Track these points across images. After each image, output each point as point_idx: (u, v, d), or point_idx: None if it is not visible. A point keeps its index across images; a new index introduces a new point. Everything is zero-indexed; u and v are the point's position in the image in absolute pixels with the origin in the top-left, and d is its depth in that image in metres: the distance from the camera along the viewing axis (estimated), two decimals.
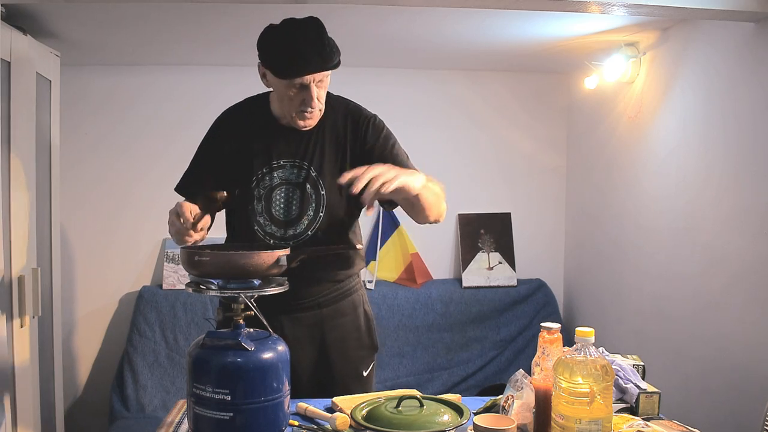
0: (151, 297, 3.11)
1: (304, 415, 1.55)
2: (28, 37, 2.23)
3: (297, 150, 1.73)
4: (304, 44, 1.58)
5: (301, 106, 1.65)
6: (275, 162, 1.73)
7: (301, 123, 1.69)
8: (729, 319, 2.18)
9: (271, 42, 1.63)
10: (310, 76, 1.60)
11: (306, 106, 1.65)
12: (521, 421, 1.36)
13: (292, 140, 1.73)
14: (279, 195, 1.72)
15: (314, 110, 1.67)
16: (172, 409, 1.60)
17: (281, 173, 1.73)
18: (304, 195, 1.71)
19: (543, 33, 2.56)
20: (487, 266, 3.43)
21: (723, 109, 2.22)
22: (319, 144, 1.74)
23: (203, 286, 1.34)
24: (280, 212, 1.72)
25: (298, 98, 1.64)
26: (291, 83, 1.61)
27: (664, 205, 2.57)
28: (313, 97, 1.64)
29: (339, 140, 1.75)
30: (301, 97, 1.64)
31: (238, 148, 1.74)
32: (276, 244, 1.70)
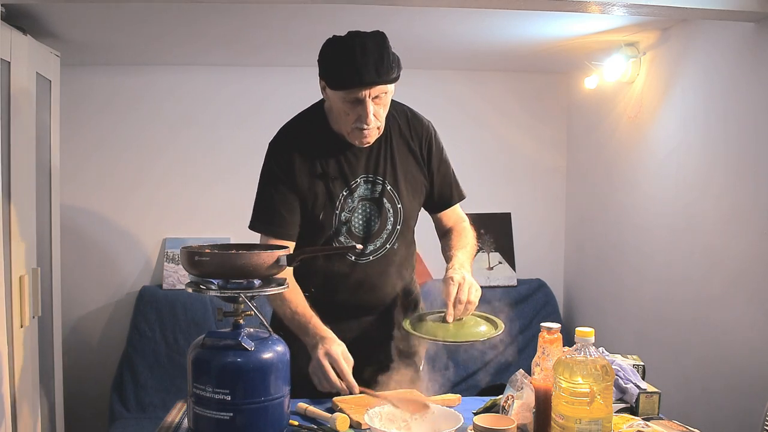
0: (151, 297, 3.11)
1: (304, 415, 1.55)
2: (28, 37, 2.23)
3: (368, 165, 1.72)
4: (360, 55, 1.52)
5: (356, 122, 1.59)
6: (353, 181, 1.71)
7: (357, 141, 1.64)
8: (729, 320, 2.17)
9: (330, 52, 1.58)
10: (366, 91, 1.54)
11: (361, 123, 1.59)
12: (521, 421, 1.36)
13: (362, 156, 1.71)
14: (358, 212, 1.72)
15: (370, 128, 1.61)
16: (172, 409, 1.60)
17: (360, 192, 1.72)
18: (382, 210, 1.73)
19: (543, 33, 2.56)
20: (487, 266, 3.43)
21: (723, 109, 2.22)
22: (390, 156, 1.73)
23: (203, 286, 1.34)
24: (360, 229, 1.73)
25: (353, 114, 1.58)
26: (346, 97, 1.56)
27: (664, 205, 2.57)
28: (369, 114, 1.57)
29: (410, 150, 1.75)
30: (356, 113, 1.58)
31: (313, 173, 1.68)
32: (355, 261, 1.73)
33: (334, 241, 1.71)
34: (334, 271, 1.72)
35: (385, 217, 1.74)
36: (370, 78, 1.52)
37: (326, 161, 1.69)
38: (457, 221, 1.90)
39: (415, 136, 1.77)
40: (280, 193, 1.68)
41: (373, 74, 1.52)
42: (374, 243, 1.75)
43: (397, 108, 1.78)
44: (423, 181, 1.79)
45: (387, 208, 1.74)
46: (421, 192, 1.80)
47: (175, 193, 3.27)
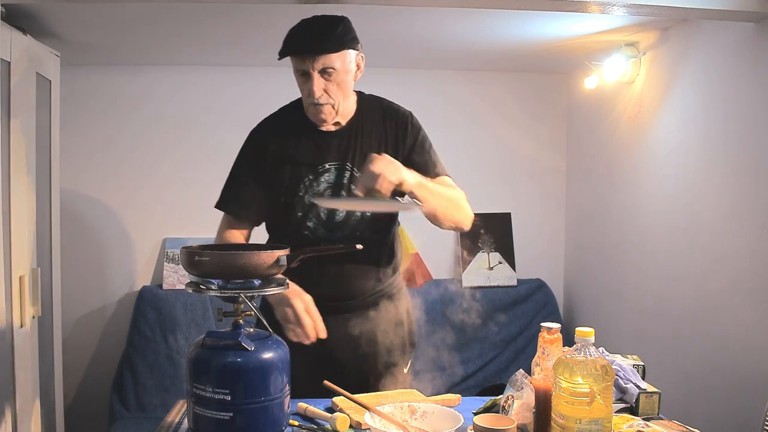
0: (151, 297, 3.11)
1: (304, 415, 1.55)
2: (28, 37, 2.23)
3: (338, 152, 1.74)
4: (308, 27, 1.61)
5: (307, 97, 1.66)
6: (320, 166, 1.73)
7: (315, 120, 1.70)
8: (729, 319, 2.18)
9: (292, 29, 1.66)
10: (310, 63, 1.61)
11: (311, 98, 1.64)
12: (521, 421, 1.36)
13: (334, 143, 1.74)
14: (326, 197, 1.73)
15: (321, 103, 1.65)
16: (172, 409, 1.60)
17: (327, 177, 1.73)
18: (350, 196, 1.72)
19: (543, 33, 2.56)
20: (487, 266, 3.43)
21: (723, 109, 2.22)
22: (360, 143, 1.75)
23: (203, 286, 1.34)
24: (328, 215, 1.73)
25: (305, 89, 1.65)
26: (296, 69, 1.64)
27: (664, 205, 2.57)
28: (313, 86, 1.62)
29: (380, 138, 1.76)
30: (306, 88, 1.65)
31: (281, 158, 1.73)
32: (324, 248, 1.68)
33: (302, 227, 1.72)
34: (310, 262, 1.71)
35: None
36: (312, 47, 1.60)
37: (295, 147, 1.73)
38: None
39: (389, 124, 1.78)
40: (245, 177, 1.75)
41: (314, 44, 1.60)
42: (343, 230, 1.73)
43: (372, 99, 1.83)
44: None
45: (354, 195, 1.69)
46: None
47: (175, 193, 3.27)
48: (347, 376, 1.71)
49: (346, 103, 1.73)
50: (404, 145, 1.77)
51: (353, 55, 1.69)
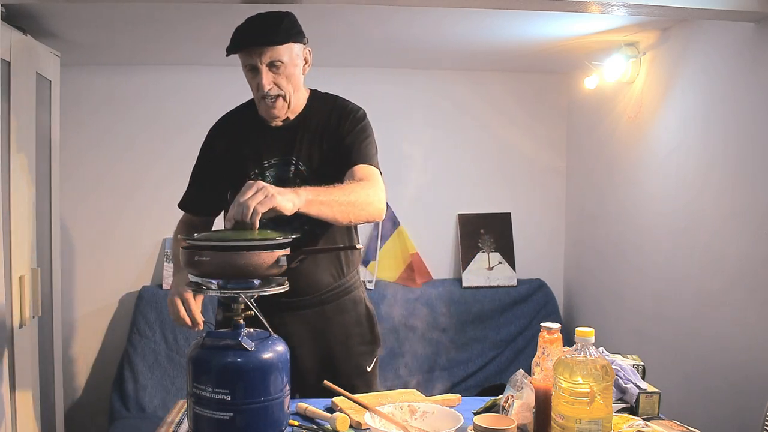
0: (151, 297, 3.11)
1: (304, 415, 1.55)
2: (28, 37, 2.23)
3: (284, 147, 1.74)
4: (254, 21, 1.64)
5: (258, 92, 1.67)
6: (266, 161, 1.74)
7: (267, 115, 1.72)
8: (729, 319, 2.18)
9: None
10: (257, 57, 1.62)
11: (260, 92, 1.66)
12: (521, 421, 1.36)
13: (280, 138, 1.75)
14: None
15: (271, 96, 1.66)
16: (172, 409, 1.60)
17: (272, 171, 1.74)
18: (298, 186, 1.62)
19: (543, 33, 2.56)
20: (487, 266, 3.43)
21: (723, 109, 2.22)
22: (306, 138, 1.74)
23: (203, 286, 1.34)
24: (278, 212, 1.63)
25: (254, 83, 1.67)
26: (244, 64, 1.66)
27: (664, 205, 2.57)
28: (262, 80, 1.63)
29: (323, 131, 1.74)
30: (254, 81, 1.67)
31: (229, 153, 1.77)
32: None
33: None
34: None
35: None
36: (257, 40, 1.61)
37: (243, 143, 1.76)
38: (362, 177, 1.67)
39: (334, 117, 1.75)
40: (198, 177, 1.83)
41: (259, 37, 1.61)
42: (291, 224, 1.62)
43: (324, 96, 1.84)
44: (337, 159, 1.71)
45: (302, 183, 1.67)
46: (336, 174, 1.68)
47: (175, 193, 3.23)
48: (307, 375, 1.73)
49: (297, 96, 1.73)
50: (338, 132, 1.73)
51: (299, 48, 1.70)
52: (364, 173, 1.66)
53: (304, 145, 1.73)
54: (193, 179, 1.86)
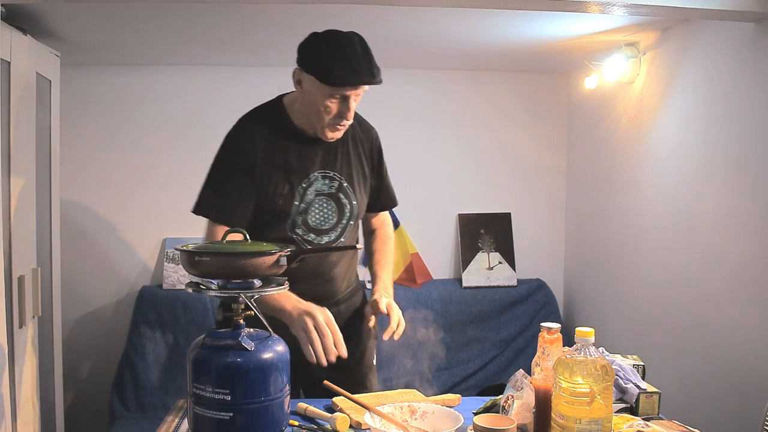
0: (151, 297, 3.11)
1: (304, 415, 1.55)
2: (28, 37, 2.22)
3: (327, 161, 1.78)
4: (354, 55, 1.60)
5: (336, 117, 1.66)
6: (312, 174, 1.76)
7: (330, 135, 1.71)
8: (729, 319, 2.18)
9: (322, 49, 1.62)
10: (354, 90, 1.63)
11: (341, 119, 1.67)
12: (521, 421, 1.36)
13: (322, 151, 1.77)
14: (315, 206, 1.77)
15: (347, 123, 1.70)
16: (172, 409, 1.61)
17: (317, 185, 1.77)
18: (340, 205, 1.80)
19: (543, 33, 2.56)
20: (487, 266, 3.43)
21: (723, 109, 2.22)
22: (346, 154, 1.82)
23: (203, 286, 1.34)
24: (317, 222, 1.77)
25: (334, 109, 1.65)
26: (332, 93, 1.62)
27: (664, 204, 2.57)
28: (351, 110, 1.66)
29: (361, 152, 1.85)
30: (338, 108, 1.65)
31: (271, 164, 1.73)
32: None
33: (291, 233, 1.75)
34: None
35: (342, 213, 1.80)
36: (366, 78, 1.61)
37: (287, 153, 1.74)
38: (382, 223, 2.02)
39: (365, 139, 1.87)
40: (236, 182, 1.72)
41: (369, 75, 1.61)
42: (329, 235, 1.79)
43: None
44: (370, 182, 1.89)
45: (344, 203, 1.80)
46: (368, 192, 1.89)
47: (176, 193, 3.26)
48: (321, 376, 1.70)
49: None
50: (375, 167, 1.89)
51: None
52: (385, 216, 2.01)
53: (344, 161, 1.81)
54: (219, 186, 1.75)
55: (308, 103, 1.68)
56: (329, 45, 1.61)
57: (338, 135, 1.72)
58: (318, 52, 1.62)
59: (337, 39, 1.62)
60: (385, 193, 1.95)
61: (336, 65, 1.58)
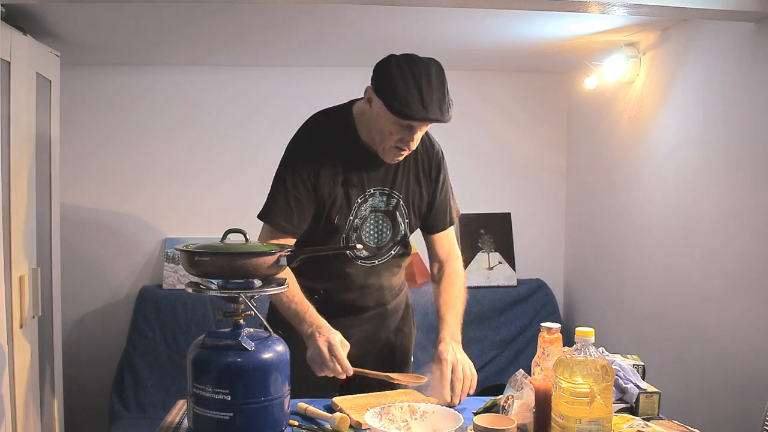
0: (151, 297, 3.11)
1: (304, 415, 1.55)
2: (28, 37, 2.22)
3: (386, 178, 1.78)
4: (428, 90, 1.58)
5: (398, 143, 1.65)
6: (369, 190, 1.76)
7: (390, 158, 1.71)
8: (729, 319, 2.18)
9: (396, 76, 1.60)
10: (421, 124, 1.62)
11: (403, 145, 1.65)
12: (521, 421, 1.36)
13: (382, 168, 1.77)
14: (369, 222, 1.78)
15: (409, 151, 1.69)
16: (172, 409, 1.60)
17: (372, 201, 1.77)
18: (395, 223, 1.81)
19: (543, 33, 2.56)
20: (487, 266, 3.43)
21: (723, 109, 2.22)
22: (407, 173, 1.80)
23: (203, 286, 1.34)
24: (371, 239, 1.79)
25: (398, 135, 1.63)
26: (400, 122, 1.60)
27: (664, 204, 2.57)
28: (414, 140, 1.64)
29: (421, 170, 1.83)
30: (401, 135, 1.63)
31: (334, 178, 1.72)
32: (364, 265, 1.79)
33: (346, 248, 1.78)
34: (346, 272, 1.79)
35: (397, 230, 1.82)
36: (435, 116, 1.59)
37: (349, 168, 1.73)
38: (449, 255, 1.95)
39: (426, 158, 1.85)
40: (299, 192, 1.70)
41: (438, 113, 1.59)
42: (381, 251, 1.82)
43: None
44: (427, 200, 1.87)
45: (399, 221, 1.81)
46: (423, 210, 1.88)
47: (176, 193, 3.27)
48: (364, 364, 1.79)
49: None
50: (435, 186, 1.86)
51: None
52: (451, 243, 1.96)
53: (404, 180, 1.80)
54: (287, 196, 1.71)
55: (374, 123, 1.66)
56: (404, 73, 1.60)
57: (398, 159, 1.71)
58: (391, 79, 1.60)
59: (414, 67, 1.61)
60: (442, 212, 1.91)
61: (406, 97, 1.56)
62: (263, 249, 1.35)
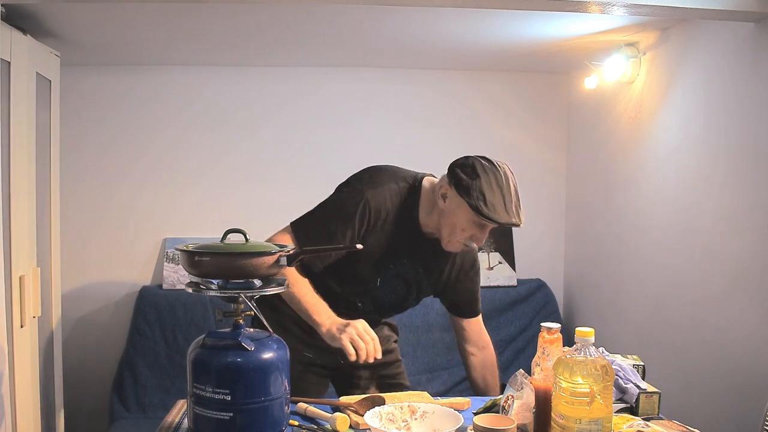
0: (151, 297, 3.11)
1: (304, 415, 1.55)
2: (28, 37, 2.22)
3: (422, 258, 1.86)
4: (509, 194, 1.68)
5: (467, 240, 1.73)
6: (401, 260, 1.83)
7: (452, 249, 1.78)
8: (729, 319, 2.18)
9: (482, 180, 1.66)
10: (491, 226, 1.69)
11: (473, 243, 1.74)
12: (521, 421, 1.36)
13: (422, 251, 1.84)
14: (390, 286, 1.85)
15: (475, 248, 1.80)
16: (172, 409, 1.61)
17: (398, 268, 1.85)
18: (410, 290, 1.90)
19: (543, 33, 2.56)
20: (487, 266, 3.43)
21: (723, 109, 2.22)
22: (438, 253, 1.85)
23: (203, 286, 1.34)
24: (386, 299, 1.87)
25: (469, 231, 1.72)
26: (476, 221, 1.68)
27: (665, 204, 2.57)
28: (484, 239, 1.74)
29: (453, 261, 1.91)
30: (473, 233, 1.71)
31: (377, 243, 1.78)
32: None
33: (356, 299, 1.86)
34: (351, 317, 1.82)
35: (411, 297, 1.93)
36: (515, 220, 1.69)
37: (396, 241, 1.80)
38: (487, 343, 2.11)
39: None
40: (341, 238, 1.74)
41: (517, 217, 1.69)
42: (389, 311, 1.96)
43: None
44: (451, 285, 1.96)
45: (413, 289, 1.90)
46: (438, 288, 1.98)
47: (176, 192, 3.27)
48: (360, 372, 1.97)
49: None
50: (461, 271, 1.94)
51: None
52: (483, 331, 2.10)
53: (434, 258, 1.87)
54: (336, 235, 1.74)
55: (447, 216, 1.73)
56: (489, 178, 1.67)
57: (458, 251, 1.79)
58: (478, 183, 1.66)
59: (497, 173, 1.68)
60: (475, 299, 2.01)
61: (492, 201, 1.65)
62: (263, 249, 1.35)
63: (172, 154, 3.25)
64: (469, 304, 2.00)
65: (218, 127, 3.28)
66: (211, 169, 3.29)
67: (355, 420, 1.48)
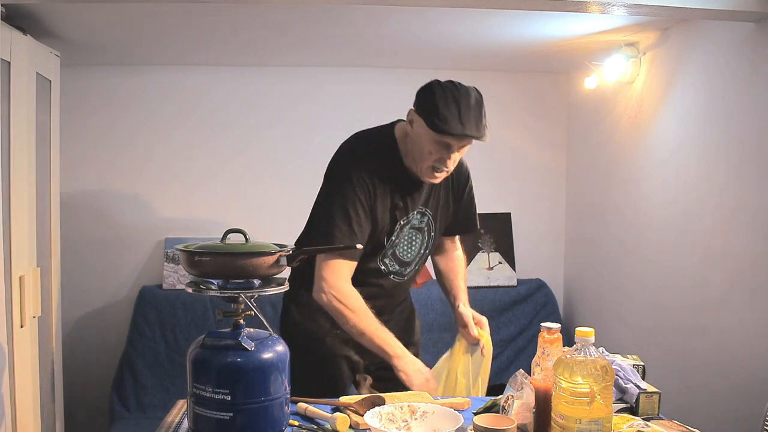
0: (151, 297, 3.11)
1: (304, 415, 1.55)
2: (28, 37, 2.22)
3: (422, 200, 1.89)
4: (466, 110, 1.69)
5: (435, 162, 1.74)
6: (411, 212, 1.87)
7: (428, 179, 1.80)
8: (729, 319, 2.18)
9: (438, 96, 1.69)
10: (458, 143, 1.70)
11: (441, 165, 1.74)
12: (521, 421, 1.36)
13: (423, 191, 1.88)
14: (405, 239, 1.88)
15: (446, 171, 1.77)
16: (172, 409, 1.61)
17: (412, 221, 1.88)
18: (425, 238, 1.93)
19: (543, 33, 2.56)
20: (487, 266, 3.43)
21: (723, 109, 2.22)
22: (438, 193, 1.93)
23: (203, 286, 1.34)
24: (404, 253, 1.91)
25: (436, 154, 1.72)
26: (439, 140, 1.69)
27: (665, 204, 2.57)
28: (452, 159, 1.74)
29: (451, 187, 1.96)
30: (439, 155, 1.72)
31: (383, 201, 1.82)
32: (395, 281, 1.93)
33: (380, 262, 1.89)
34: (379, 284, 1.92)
35: (426, 245, 1.93)
36: (471, 132, 1.69)
37: (395, 192, 1.83)
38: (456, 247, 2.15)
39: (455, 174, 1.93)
40: (359, 217, 1.77)
41: (474, 129, 1.70)
42: (410, 264, 1.94)
43: None
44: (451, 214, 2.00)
45: (427, 236, 1.92)
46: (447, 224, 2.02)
47: (176, 192, 3.27)
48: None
49: None
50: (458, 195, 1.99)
51: None
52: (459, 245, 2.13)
53: (435, 198, 1.92)
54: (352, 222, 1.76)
55: (414, 142, 1.76)
56: (444, 93, 1.69)
57: (436, 181, 1.81)
58: (433, 98, 1.69)
59: (454, 90, 1.70)
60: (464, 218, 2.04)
61: (445, 114, 1.66)
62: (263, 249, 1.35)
63: (172, 154, 3.25)
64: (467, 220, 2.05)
65: (218, 125, 3.28)
66: (212, 169, 3.29)
67: (355, 420, 1.48)
